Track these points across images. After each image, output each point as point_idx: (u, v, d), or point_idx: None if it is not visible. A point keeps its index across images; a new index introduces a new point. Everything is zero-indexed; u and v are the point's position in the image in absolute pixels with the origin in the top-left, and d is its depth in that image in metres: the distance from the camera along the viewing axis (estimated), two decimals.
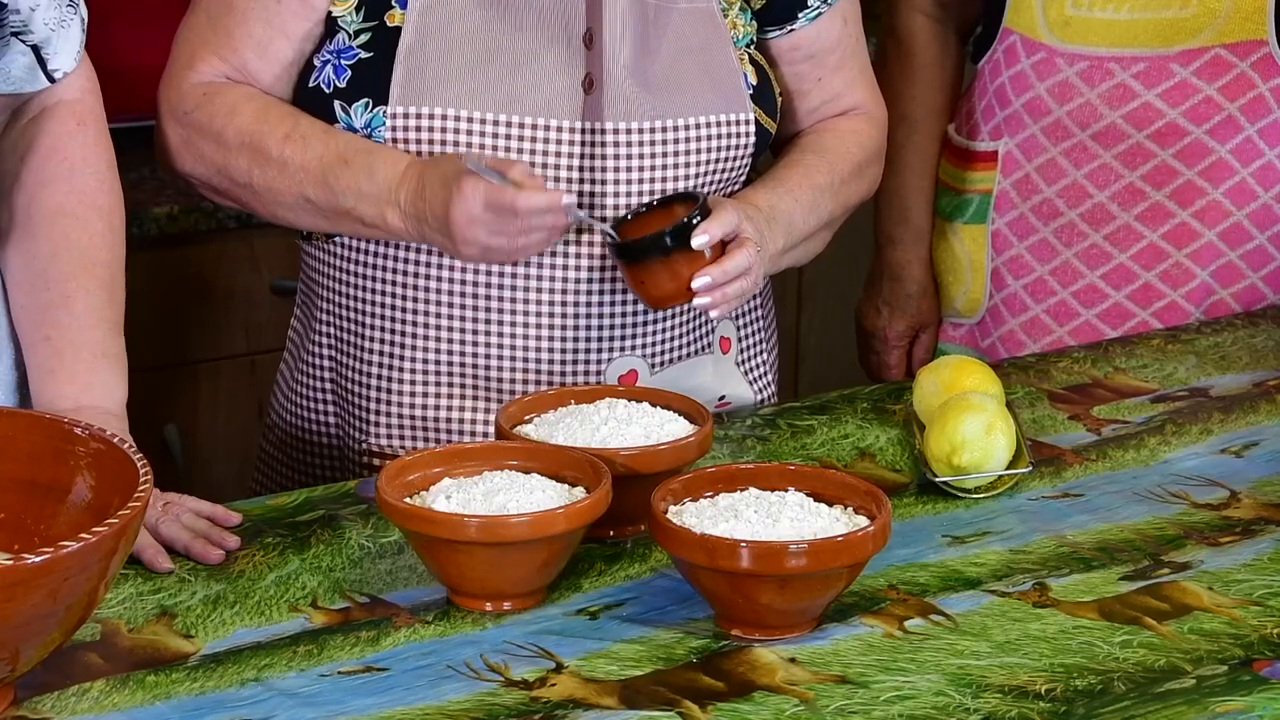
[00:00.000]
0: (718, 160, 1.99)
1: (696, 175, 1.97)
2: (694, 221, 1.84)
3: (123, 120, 2.03)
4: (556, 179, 1.93)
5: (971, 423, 1.80)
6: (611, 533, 1.71)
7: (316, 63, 1.96)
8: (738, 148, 2.00)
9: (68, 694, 1.46)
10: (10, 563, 1.31)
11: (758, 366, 2.13)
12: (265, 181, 1.93)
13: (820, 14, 2.07)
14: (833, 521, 1.58)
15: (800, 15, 2.06)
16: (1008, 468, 1.83)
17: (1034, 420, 2.01)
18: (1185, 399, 2.07)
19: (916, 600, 1.62)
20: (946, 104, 2.46)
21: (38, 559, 1.32)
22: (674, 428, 1.75)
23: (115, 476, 1.45)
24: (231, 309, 2.87)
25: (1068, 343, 2.33)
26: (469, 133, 1.91)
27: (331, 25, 1.95)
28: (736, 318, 2.10)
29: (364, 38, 1.93)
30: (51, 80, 1.76)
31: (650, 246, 1.85)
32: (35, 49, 1.74)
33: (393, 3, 1.93)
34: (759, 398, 2.12)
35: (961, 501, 1.81)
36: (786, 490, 1.63)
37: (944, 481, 1.81)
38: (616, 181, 1.95)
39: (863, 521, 1.58)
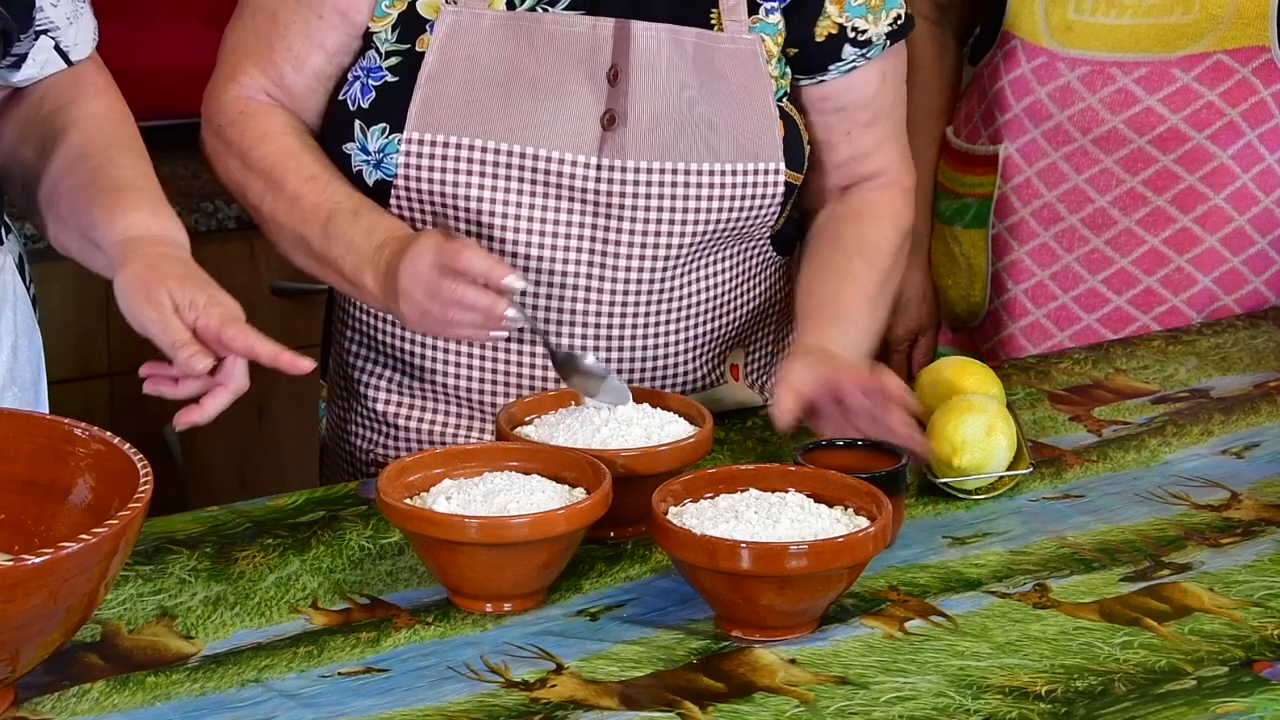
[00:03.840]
0: (740, 210, 1.94)
1: (717, 222, 1.93)
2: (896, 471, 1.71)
3: None
4: (570, 213, 1.91)
5: (972, 424, 1.80)
6: (612, 534, 1.71)
7: (349, 76, 1.95)
8: (763, 199, 1.95)
9: (68, 695, 1.46)
10: (10, 564, 1.31)
11: (770, 378, 2.12)
12: (272, 211, 1.93)
13: (855, 68, 2.01)
14: (833, 522, 1.58)
15: (832, 67, 2.00)
16: (1008, 469, 1.83)
17: (1034, 421, 2.01)
18: (1186, 400, 2.07)
19: (917, 601, 1.62)
20: (945, 106, 2.46)
21: (38, 560, 1.32)
22: (674, 429, 1.75)
23: (115, 477, 1.45)
24: None
25: (1068, 347, 2.33)
26: (483, 162, 1.90)
27: (367, 40, 1.94)
28: (747, 346, 2.08)
29: (393, 60, 1.92)
30: (70, 64, 1.83)
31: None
32: (56, 43, 1.80)
33: (426, 27, 1.92)
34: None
35: (962, 503, 1.81)
36: (787, 491, 1.63)
37: (944, 483, 1.81)
38: (634, 219, 1.92)
39: (863, 522, 1.58)
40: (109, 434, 1.49)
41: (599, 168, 1.90)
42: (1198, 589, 1.64)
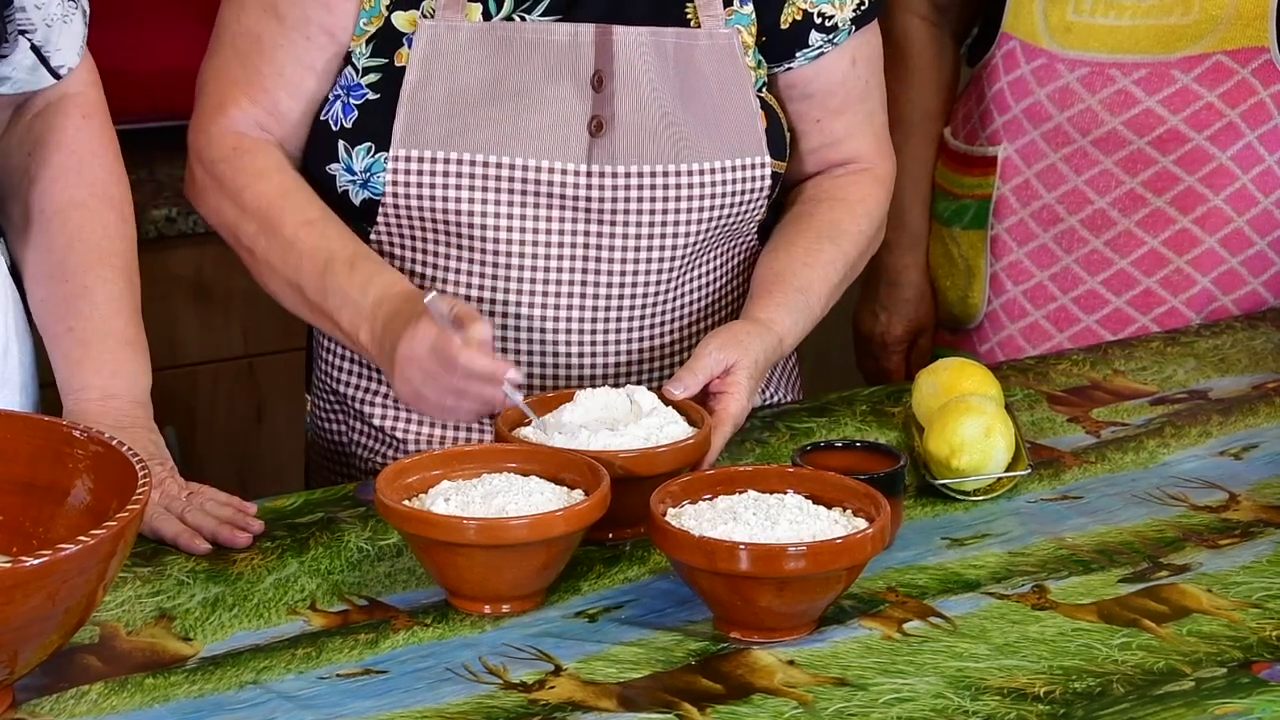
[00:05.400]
0: (731, 207, 1.94)
1: (709, 221, 1.93)
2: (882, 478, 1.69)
3: (122, 123, 2.02)
4: (562, 221, 1.91)
5: (970, 425, 1.80)
6: (611, 535, 1.71)
7: (329, 95, 1.94)
8: (753, 192, 1.95)
9: (66, 696, 1.46)
10: (9, 565, 1.31)
11: (771, 381, 2.12)
12: (266, 255, 1.89)
13: (822, 54, 2.00)
14: (831, 524, 1.58)
15: (799, 54, 1.99)
16: (1006, 470, 1.83)
17: (1033, 422, 2.01)
18: (1184, 401, 2.07)
19: (915, 602, 1.62)
20: (942, 107, 2.46)
21: (36, 561, 1.32)
22: (673, 430, 1.75)
23: (114, 479, 1.45)
24: (230, 311, 2.87)
25: (1067, 348, 2.33)
26: (471, 175, 1.89)
27: (345, 58, 1.92)
28: None
29: (372, 77, 1.90)
30: (57, 77, 1.78)
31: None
32: (37, 48, 1.75)
33: (403, 41, 1.90)
34: (773, 399, 2.11)
35: (960, 504, 1.81)
36: (785, 492, 1.62)
37: (943, 484, 1.81)
38: (626, 224, 1.91)
39: (861, 524, 1.58)
40: (107, 435, 1.49)
41: (589, 174, 1.89)
42: (1196, 590, 1.64)
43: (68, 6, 1.76)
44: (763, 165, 1.95)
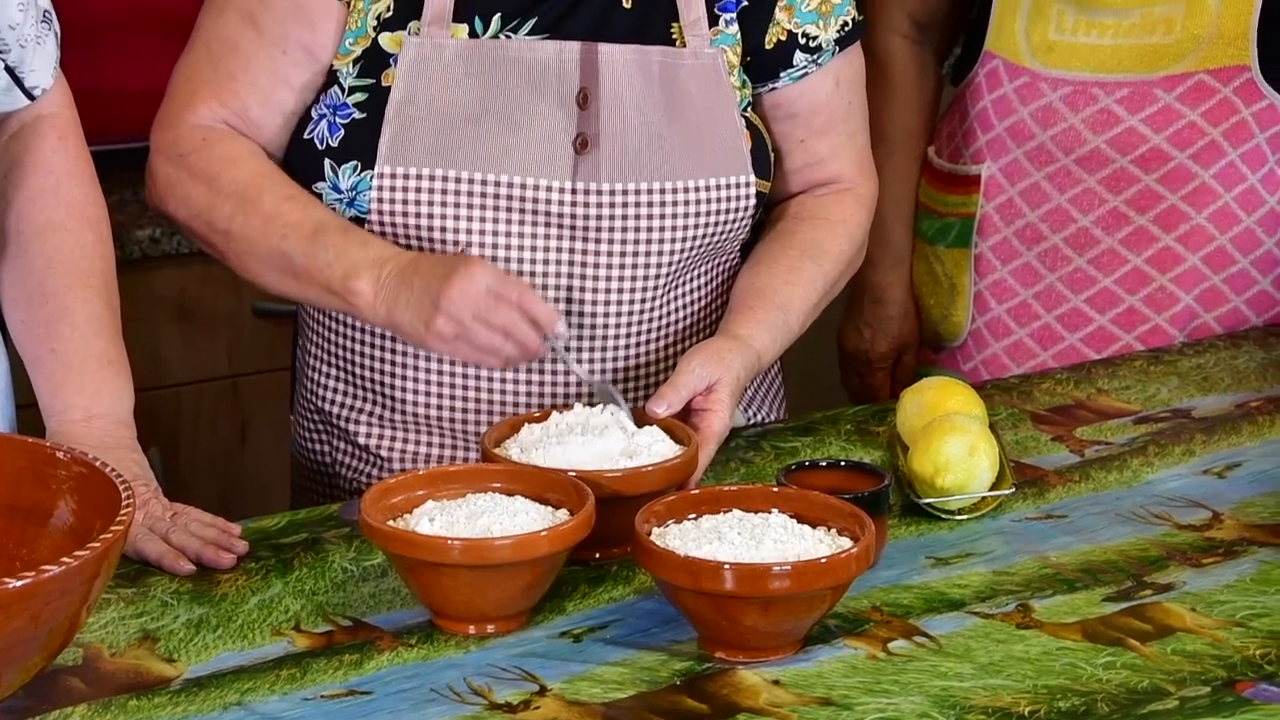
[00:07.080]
0: (716, 225, 1.95)
1: (693, 239, 1.94)
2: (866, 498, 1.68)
3: (105, 143, 2.02)
4: (547, 238, 1.91)
5: (954, 444, 1.80)
6: (597, 554, 1.71)
7: (314, 114, 1.93)
8: (737, 211, 1.96)
9: (49, 719, 1.45)
10: None
11: (756, 399, 2.12)
12: (245, 230, 1.89)
13: (806, 74, 2.01)
14: (816, 543, 1.58)
15: (783, 74, 2.00)
16: (991, 489, 1.83)
17: (1017, 441, 2.01)
18: (1168, 420, 2.07)
19: (900, 622, 1.62)
20: (925, 125, 2.46)
21: (19, 583, 1.31)
22: (660, 448, 1.75)
23: (97, 500, 1.44)
24: (214, 331, 2.87)
25: (1051, 366, 2.33)
26: (456, 192, 1.89)
27: (330, 77, 1.92)
28: None
29: (358, 96, 1.90)
30: (31, 98, 1.77)
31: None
32: (11, 69, 1.75)
33: (390, 61, 1.90)
34: (758, 417, 2.11)
35: (944, 523, 1.81)
36: (770, 512, 1.63)
37: (927, 503, 1.81)
38: (610, 242, 1.92)
39: (846, 543, 1.58)
40: (90, 456, 1.49)
41: (573, 192, 1.90)
42: (1180, 609, 1.64)
43: (41, 28, 1.75)
44: (747, 184, 1.95)
